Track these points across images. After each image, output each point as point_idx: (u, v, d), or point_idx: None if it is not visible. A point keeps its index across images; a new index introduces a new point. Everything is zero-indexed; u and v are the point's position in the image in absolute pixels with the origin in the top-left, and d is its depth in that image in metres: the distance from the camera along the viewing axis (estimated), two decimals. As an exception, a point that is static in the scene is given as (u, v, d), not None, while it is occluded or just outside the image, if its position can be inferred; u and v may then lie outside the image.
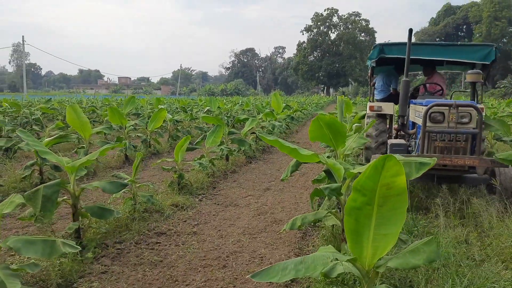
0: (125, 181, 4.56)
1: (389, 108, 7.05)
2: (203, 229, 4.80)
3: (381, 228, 2.36)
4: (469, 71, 5.75)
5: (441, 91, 6.83)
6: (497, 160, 4.34)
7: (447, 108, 4.95)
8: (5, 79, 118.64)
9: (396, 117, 6.89)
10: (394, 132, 7.33)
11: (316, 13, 77.73)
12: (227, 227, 4.90)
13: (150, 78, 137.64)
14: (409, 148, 5.90)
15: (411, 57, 5.69)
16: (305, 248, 4.24)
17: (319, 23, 77.66)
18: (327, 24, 77.40)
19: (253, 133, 10.73)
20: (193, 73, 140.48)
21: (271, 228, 4.89)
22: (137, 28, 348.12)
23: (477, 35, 62.65)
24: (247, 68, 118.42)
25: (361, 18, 75.89)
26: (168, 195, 5.97)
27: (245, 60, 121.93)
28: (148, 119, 10.64)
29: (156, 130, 9.99)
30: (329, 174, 3.94)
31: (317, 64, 76.32)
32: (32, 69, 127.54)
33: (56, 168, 6.73)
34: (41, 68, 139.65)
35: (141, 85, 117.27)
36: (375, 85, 8.06)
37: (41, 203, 3.43)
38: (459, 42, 6.29)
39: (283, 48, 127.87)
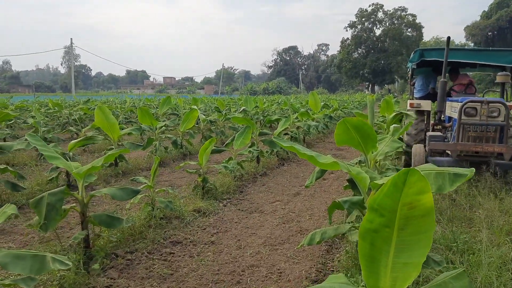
0: (141, 186, 4.37)
1: (427, 105, 7.58)
2: (221, 239, 4.52)
3: (401, 256, 1.97)
4: (499, 73, 6.63)
5: (472, 87, 7.59)
6: None
7: (479, 104, 5.85)
8: (58, 80, 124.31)
9: (433, 113, 7.61)
10: (431, 127, 7.65)
11: (361, 9, 75.85)
12: (247, 237, 4.60)
13: (194, 78, 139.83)
14: (445, 140, 6.69)
15: (448, 60, 6.45)
16: (329, 263, 3.87)
17: (363, 19, 75.66)
18: (371, 20, 75.25)
19: (286, 133, 10.39)
20: (236, 72, 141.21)
21: (295, 238, 4.54)
22: (181, 28, 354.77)
23: (534, 28, 58.81)
24: (289, 66, 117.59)
25: (407, 13, 73.26)
26: (191, 199, 5.75)
27: (288, 58, 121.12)
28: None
29: (187, 131, 9.85)
30: (353, 184, 3.56)
31: (361, 61, 74.43)
32: (83, 70, 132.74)
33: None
34: (91, 69, 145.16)
35: (185, 84, 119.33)
36: (415, 84, 8.63)
37: (45, 212, 3.28)
38: (490, 48, 7.13)
39: (326, 45, 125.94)
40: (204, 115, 13.99)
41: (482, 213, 3.99)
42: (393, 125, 6.82)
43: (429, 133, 6.88)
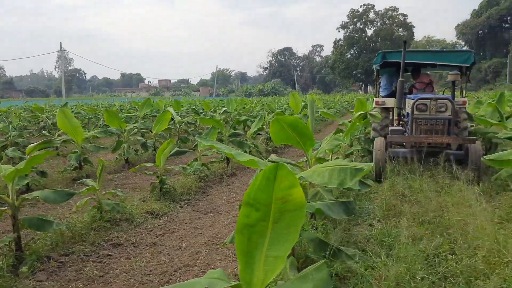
0: (79, 190, 4.36)
1: (391, 102, 8.15)
2: (165, 240, 4.52)
3: (273, 249, 2.00)
4: (450, 72, 7.01)
5: (430, 86, 8.10)
6: (467, 139, 6.19)
7: (429, 100, 6.51)
8: (52, 84, 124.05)
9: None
10: (395, 122, 8.17)
11: (352, 9, 76.11)
12: (192, 237, 4.59)
13: (189, 80, 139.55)
14: (405, 133, 7.21)
15: (407, 61, 7.26)
16: (265, 262, 3.86)
17: (355, 20, 75.95)
18: (363, 20, 75.54)
19: (259, 134, 10.39)
20: (232, 73, 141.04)
21: (239, 238, 4.53)
22: (176, 31, 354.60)
23: (524, 25, 59.11)
24: (284, 68, 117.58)
25: (398, 13, 73.54)
26: (147, 201, 5.74)
27: (283, 59, 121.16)
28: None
29: (160, 133, 9.84)
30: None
31: (354, 61, 74.69)
32: (77, 74, 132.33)
33: (43, 173, 6.69)
34: (86, 73, 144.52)
35: (181, 87, 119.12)
36: (380, 84, 9.07)
37: (-31, 215, 3.28)
38: (444, 49, 8.19)
39: (320, 46, 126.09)
40: (181, 116, 13.99)
41: (406, 208, 4.01)
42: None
43: (391, 128, 7.50)
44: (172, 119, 11.67)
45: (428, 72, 8.95)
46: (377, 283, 2.97)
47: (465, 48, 67.46)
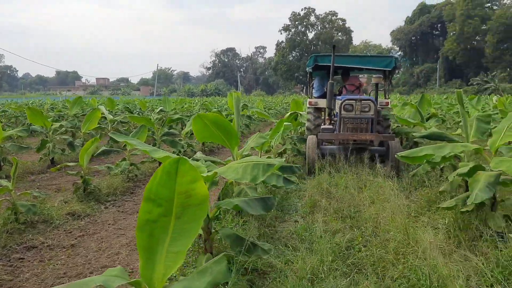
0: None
1: (322, 103, 8.43)
2: (84, 241, 4.33)
3: (174, 244, 1.98)
4: (374, 76, 7.64)
5: (358, 89, 8.73)
6: (388, 136, 6.86)
7: (354, 101, 6.98)
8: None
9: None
10: (327, 121, 8.41)
11: (294, 12, 77.66)
12: (114, 238, 4.44)
13: (129, 79, 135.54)
14: (334, 131, 7.57)
15: (336, 64, 7.69)
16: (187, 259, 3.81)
17: (296, 23, 77.52)
18: (304, 23, 77.30)
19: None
20: (174, 73, 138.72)
21: (164, 237, 4.45)
22: (116, 28, 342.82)
23: (451, 33, 63.19)
24: (228, 68, 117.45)
25: (337, 17, 76.05)
26: (68, 203, 5.48)
27: (226, 60, 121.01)
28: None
29: (89, 132, 9.46)
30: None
31: (296, 63, 76.14)
32: (8, 72, 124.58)
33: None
34: (17, 70, 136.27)
35: (120, 86, 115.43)
36: (313, 85, 9.49)
37: None
38: (369, 54, 9.20)
39: (264, 48, 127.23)
40: (115, 115, 13.58)
41: (324, 203, 4.13)
42: (285, 122, 6.97)
43: (322, 126, 7.90)
44: (104, 117, 11.32)
45: (357, 75, 9.47)
46: (294, 276, 3.02)
47: (399, 53, 71.15)
